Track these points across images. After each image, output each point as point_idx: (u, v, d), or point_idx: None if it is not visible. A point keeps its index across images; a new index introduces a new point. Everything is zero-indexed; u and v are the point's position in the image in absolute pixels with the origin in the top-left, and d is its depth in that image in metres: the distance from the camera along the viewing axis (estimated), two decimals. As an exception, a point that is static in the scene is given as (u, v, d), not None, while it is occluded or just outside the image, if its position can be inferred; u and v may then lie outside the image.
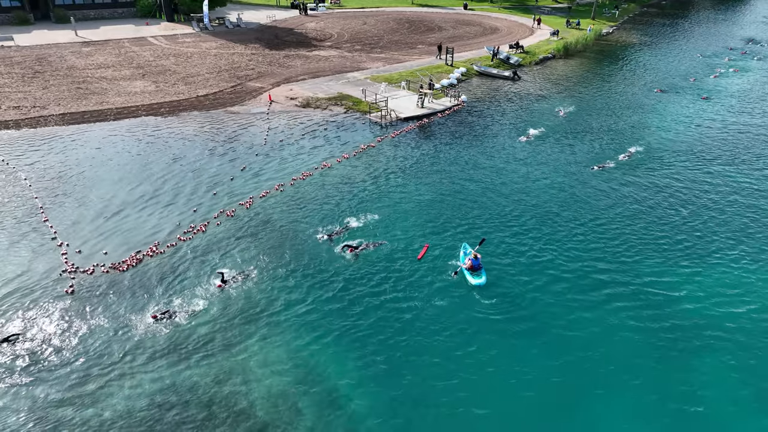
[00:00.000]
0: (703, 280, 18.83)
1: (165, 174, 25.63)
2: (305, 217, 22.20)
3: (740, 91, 42.76)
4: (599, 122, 34.83)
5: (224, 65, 44.91)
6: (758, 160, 29.15)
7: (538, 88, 42.86)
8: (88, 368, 14.70)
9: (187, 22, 60.93)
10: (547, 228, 21.86)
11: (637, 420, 13.67)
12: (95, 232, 20.79)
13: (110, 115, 33.22)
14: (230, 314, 16.70)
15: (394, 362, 15.21)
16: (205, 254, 19.62)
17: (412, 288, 18.10)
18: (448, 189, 25.03)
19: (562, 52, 53.70)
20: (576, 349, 15.75)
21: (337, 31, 60.74)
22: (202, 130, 31.22)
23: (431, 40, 57.26)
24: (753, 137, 32.57)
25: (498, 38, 59.01)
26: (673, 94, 41.34)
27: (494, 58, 48.58)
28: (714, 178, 26.84)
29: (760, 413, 13.88)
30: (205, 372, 14.71)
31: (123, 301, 17.15)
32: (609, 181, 26.10)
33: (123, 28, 57.89)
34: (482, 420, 13.61)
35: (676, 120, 35.54)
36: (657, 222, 22.54)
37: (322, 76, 43.02)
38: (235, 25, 60.15)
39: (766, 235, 21.75)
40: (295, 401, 13.97)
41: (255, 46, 52.13)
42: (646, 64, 51.38)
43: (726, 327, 16.68)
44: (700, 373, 15.04)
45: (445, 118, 34.87)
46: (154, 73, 41.93)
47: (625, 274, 19.08)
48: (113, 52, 48.16)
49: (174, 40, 53.43)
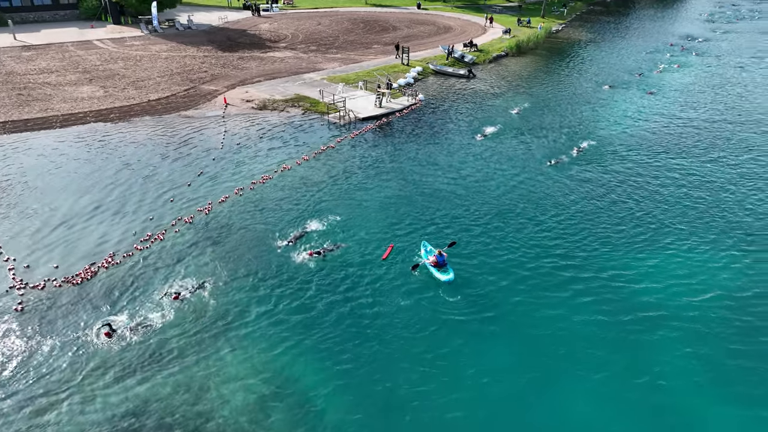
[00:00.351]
0: (659, 270, 19.56)
1: (117, 181, 24.72)
2: (267, 222, 21.85)
3: (683, 85, 44.74)
4: (553, 118, 35.74)
5: (176, 68, 43.71)
6: (704, 151, 30.55)
7: (493, 85, 43.62)
8: (44, 391, 14.00)
9: (135, 25, 59.00)
10: (509, 224, 22.26)
11: (604, 408, 14.07)
12: (44, 245, 19.83)
13: (56, 122, 31.80)
14: (194, 326, 16.24)
15: (364, 367, 15.11)
16: (164, 263, 19.02)
17: (379, 290, 18.07)
18: (410, 188, 25.15)
19: (515, 50, 54.85)
20: (543, 344, 16.04)
21: (292, 32, 60.12)
22: (156, 135, 30.28)
23: (386, 39, 57.43)
24: (698, 130, 34.12)
25: (452, 37, 59.73)
26: (621, 90, 42.86)
27: (449, 56, 49.14)
28: (664, 170, 27.98)
29: (718, 397, 14.49)
30: (170, 389, 14.24)
31: (78, 316, 16.42)
32: (565, 176, 26.82)
33: (66, 31, 55.57)
34: (456, 420, 13.70)
35: (626, 115, 36.86)
36: (613, 214, 23.29)
37: (278, 77, 42.47)
38: (185, 27, 58.66)
39: (715, 224, 22.81)
40: (266, 413, 13.69)
41: (207, 48, 50.98)
42: (594, 61, 53.09)
43: (682, 314, 17.33)
44: (660, 360, 15.58)
45: (403, 118, 35.03)
46: (101, 78, 40.40)
47: (585, 266, 19.59)
48: (56, 56, 46.14)
49: (122, 44, 51.65)
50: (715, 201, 24.59)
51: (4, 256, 19.02)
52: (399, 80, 41.36)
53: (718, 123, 35.34)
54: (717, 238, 21.63)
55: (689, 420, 13.76)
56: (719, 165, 28.54)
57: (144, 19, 58.27)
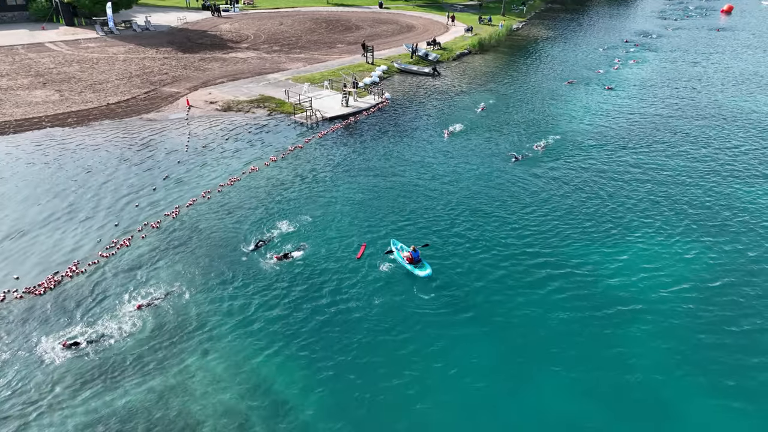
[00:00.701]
0: (625, 259, 20.12)
1: (79, 188, 23.91)
2: (236, 225, 21.52)
3: (640, 80, 46.20)
4: (518, 114, 36.37)
5: (135, 70, 42.53)
6: (666, 146, 31.58)
7: (457, 83, 44.07)
8: (8, 407, 13.44)
9: (89, 26, 57.09)
10: (479, 220, 22.54)
11: (580, 394, 14.42)
12: (2, 255, 19.01)
13: (9, 127, 30.50)
14: (165, 333, 15.87)
15: (342, 367, 15.07)
16: (131, 270, 18.50)
17: (353, 289, 18.04)
18: (380, 186, 25.17)
19: (478, 48, 55.56)
20: (517, 335, 16.33)
21: (254, 33, 59.30)
22: (117, 139, 29.41)
23: (350, 39, 57.30)
24: (657, 124, 35.28)
25: (415, 36, 60.05)
26: (581, 85, 43.94)
27: (413, 55, 49.41)
28: (627, 165, 28.80)
29: (686, 376, 15.05)
30: (143, 397, 13.89)
31: (41, 328, 15.82)
32: (532, 171, 27.32)
33: (15, 33, 53.36)
34: (433, 414, 13.81)
35: (587, 110, 37.81)
36: (579, 206, 23.86)
37: (242, 78, 41.85)
38: (143, 29, 57.11)
39: (676, 213, 23.62)
40: (244, 416, 13.52)
41: (167, 49, 49.79)
42: (554, 57, 54.26)
43: (649, 299, 17.93)
44: (630, 345, 16.08)
45: (370, 117, 35.03)
46: (56, 81, 38.96)
47: (555, 259, 20.00)
48: (6, 59, 44.25)
49: (76, 46, 49.91)
50: (678, 194, 25.38)
51: (-40, 268, 18.17)
52: (365, 79, 41.34)
53: (676, 117, 36.64)
54: (683, 230, 22.23)
55: (664, 410, 14.22)
56: (680, 159, 29.55)
57: (99, 21, 56.45)
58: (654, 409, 14.05)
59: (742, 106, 38.94)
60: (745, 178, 26.95)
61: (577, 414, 13.90)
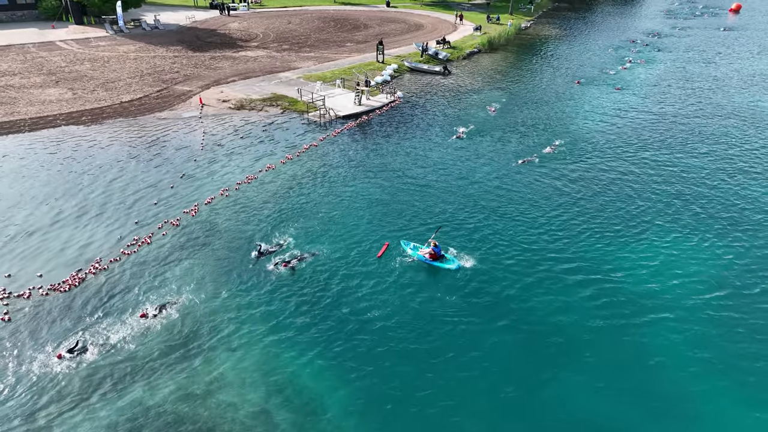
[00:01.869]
0: (657, 263, 19.81)
1: (97, 186, 23.94)
2: (256, 223, 21.50)
3: (653, 80, 46.02)
4: (528, 114, 36.26)
5: (146, 69, 42.58)
6: (686, 144, 31.46)
7: (468, 82, 44.00)
8: (46, 403, 13.48)
9: (99, 25, 57.19)
10: (496, 219, 22.46)
11: (602, 391, 14.38)
12: (24, 253, 19.05)
13: (24, 126, 30.57)
14: (191, 331, 15.85)
15: (369, 366, 15.06)
16: (153, 267, 18.52)
17: (376, 289, 17.91)
18: (397, 186, 25.12)
19: (487, 47, 55.50)
20: (540, 336, 16.23)
21: (262, 31, 59.33)
22: (132, 137, 29.44)
23: (359, 38, 57.29)
24: (676, 124, 35.13)
25: (424, 35, 59.99)
26: (592, 86, 43.78)
27: (424, 54, 49.36)
28: (649, 163, 28.67)
29: (705, 373, 14.99)
30: (172, 396, 13.89)
31: (66, 324, 15.83)
32: (550, 172, 27.22)
33: (25, 32, 53.47)
34: (458, 414, 13.79)
35: (601, 109, 37.68)
36: (606, 208, 23.66)
37: (253, 77, 41.85)
38: (152, 27, 57.19)
39: (689, 213, 23.49)
40: (273, 414, 13.51)
41: (177, 48, 49.84)
42: (564, 57, 54.12)
43: (683, 305, 17.62)
44: (648, 341, 15.99)
45: (383, 115, 34.99)
46: (69, 80, 39.02)
47: (588, 263, 19.63)
48: (18, 58, 44.36)
49: (87, 44, 50.00)
50: (708, 195, 24.92)
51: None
52: (376, 78, 41.33)
53: (697, 117, 36.45)
54: (717, 232, 21.89)
55: (689, 407, 14.17)
56: (705, 159, 29.35)
57: (108, 19, 56.55)
58: (681, 407, 13.99)
59: (763, 107, 38.62)
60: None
61: (606, 410, 13.85)
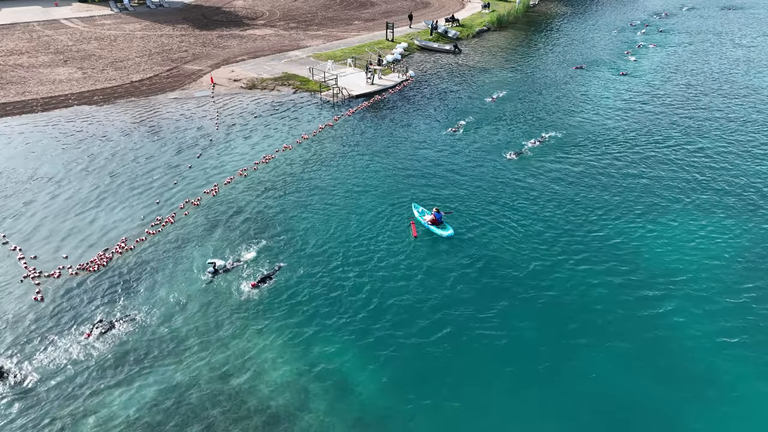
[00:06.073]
0: (659, 238, 19.89)
1: (115, 166, 23.91)
2: (275, 204, 21.47)
3: (665, 63, 45.50)
4: (543, 98, 35.94)
5: (154, 48, 42.13)
6: (705, 128, 31.30)
7: (479, 61, 43.52)
8: (85, 380, 13.67)
9: (103, 3, 56.38)
10: (515, 202, 22.39)
11: (621, 369, 14.56)
12: (50, 234, 19.11)
13: (37, 105, 30.39)
14: (222, 309, 16.00)
15: (397, 349, 15.26)
16: (180, 246, 18.61)
17: (408, 275, 17.82)
18: (417, 166, 25.02)
19: (496, 25, 54.76)
20: (562, 318, 16.30)
21: (268, 9, 58.50)
22: (146, 117, 29.27)
23: (366, 15, 56.54)
24: (692, 104, 34.86)
25: (432, 12, 59.14)
26: (602, 67, 43.25)
27: (433, 32, 48.76)
28: (665, 145, 28.56)
29: (725, 348, 15.14)
30: (206, 373, 14.08)
31: (99, 302, 15.96)
32: (561, 157, 27.13)
33: (28, 9, 52.82)
34: (486, 390, 14.01)
35: (613, 93, 37.36)
36: (611, 190, 23.67)
37: (263, 56, 41.41)
38: (157, 5, 56.40)
39: (703, 197, 23.44)
40: (304, 388, 13.72)
41: (183, 26, 49.22)
42: (573, 35, 53.36)
43: (688, 274, 17.87)
44: (666, 318, 16.08)
45: (396, 94, 34.71)
46: (77, 59, 38.64)
47: (590, 240, 19.78)
48: (24, 36, 43.89)
49: (92, 23, 49.38)
50: (726, 177, 24.99)
51: (11, 245, 18.25)
52: (386, 56, 40.90)
53: (713, 98, 36.16)
54: (737, 212, 21.97)
55: (715, 380, 14.36)
56: (722, 142, 29.28)
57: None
58: (701, 383, 14.18)
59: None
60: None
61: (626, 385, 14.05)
